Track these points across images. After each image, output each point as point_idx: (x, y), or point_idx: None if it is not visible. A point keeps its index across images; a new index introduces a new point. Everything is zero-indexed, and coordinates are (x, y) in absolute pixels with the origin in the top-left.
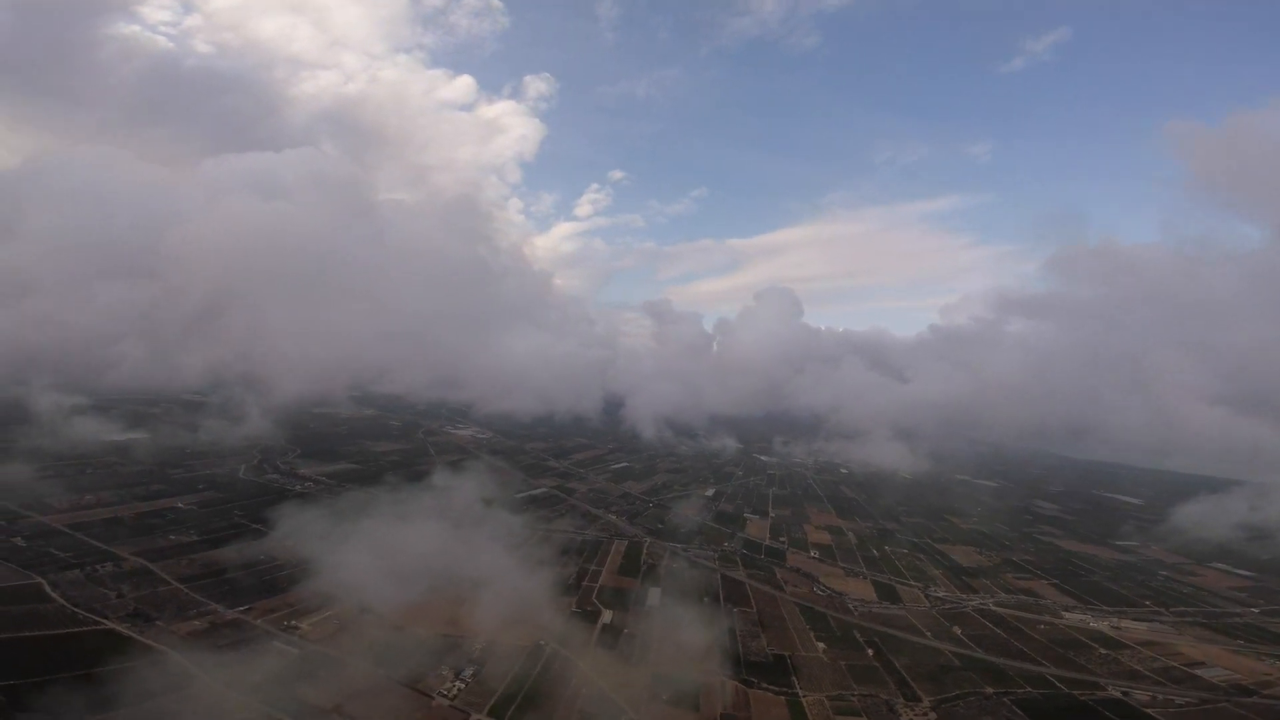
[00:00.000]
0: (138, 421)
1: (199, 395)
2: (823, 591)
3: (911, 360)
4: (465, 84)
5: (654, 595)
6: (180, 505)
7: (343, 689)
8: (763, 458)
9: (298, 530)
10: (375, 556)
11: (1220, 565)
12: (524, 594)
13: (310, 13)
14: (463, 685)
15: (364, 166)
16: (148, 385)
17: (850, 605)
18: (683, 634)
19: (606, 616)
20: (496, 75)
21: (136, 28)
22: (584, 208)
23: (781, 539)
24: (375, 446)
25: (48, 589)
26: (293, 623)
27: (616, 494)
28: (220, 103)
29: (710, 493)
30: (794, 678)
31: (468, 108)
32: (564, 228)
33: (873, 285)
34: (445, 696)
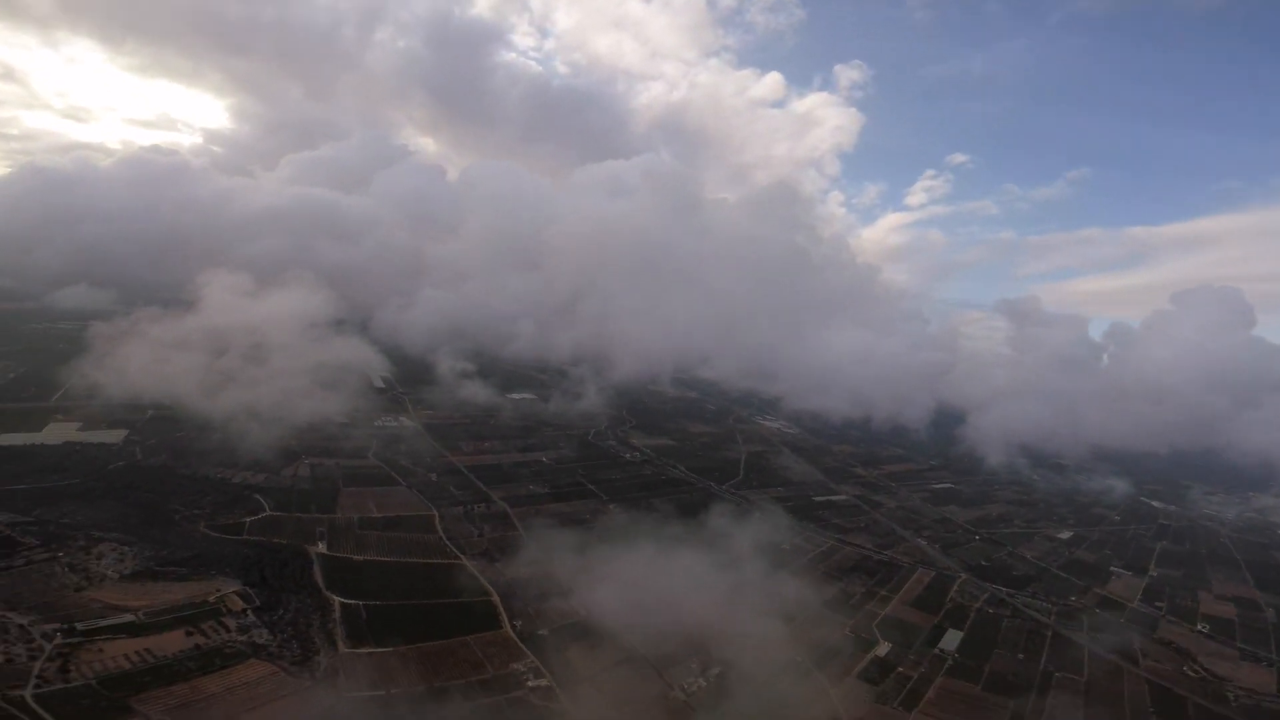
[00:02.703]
0: (528, 385)
1: (569, 367)
2: (1195, 673)
3: None
4: (774, 80)
5: (951, 638)
6: (544, 459)
7: (599, 659)
8: (1156, 504)
9: (614, 493)
10: (656, 532)
11: None
12: (795, 603)
13: (630, 27)
14: (703, 684)
15: (693, 167)
16: (536, 357)
17: (1229, 694)
18: (972, 687)
19: (882, 649)
20: (803, 68)
21: (513, 55)
22: (916, 196)
23: (1158, 604)
24: (691, 427)
25: (437, 522)
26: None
27: (932, 517)
28: (582, 119)
29: (1066, 535)
30: None
31: (779, 104)
32: (893, 219)
33: None
34: (683, 691)
